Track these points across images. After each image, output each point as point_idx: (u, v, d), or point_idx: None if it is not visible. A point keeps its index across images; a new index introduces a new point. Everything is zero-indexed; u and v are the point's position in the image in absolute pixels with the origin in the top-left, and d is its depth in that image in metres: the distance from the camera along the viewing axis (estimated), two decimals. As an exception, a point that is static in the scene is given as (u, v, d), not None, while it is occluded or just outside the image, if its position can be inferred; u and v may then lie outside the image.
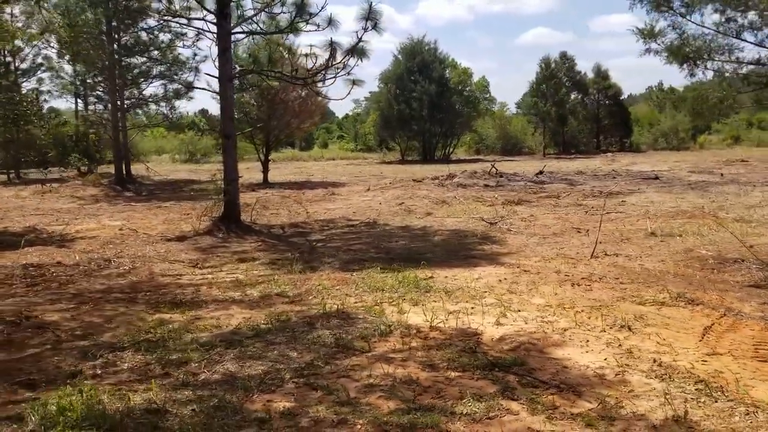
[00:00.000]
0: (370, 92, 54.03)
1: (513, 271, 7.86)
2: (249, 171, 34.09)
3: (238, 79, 26.85)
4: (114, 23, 24.83)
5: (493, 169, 25.97)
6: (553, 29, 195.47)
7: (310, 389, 4.14)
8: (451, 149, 46.32)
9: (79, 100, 36.94)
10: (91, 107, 35.75)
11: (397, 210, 15.83)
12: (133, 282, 8.18)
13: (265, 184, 26.83)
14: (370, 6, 10.14)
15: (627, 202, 15.77)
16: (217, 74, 12.31)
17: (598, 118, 49.55)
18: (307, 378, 4.31)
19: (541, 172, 26.03)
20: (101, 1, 23.39)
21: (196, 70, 26.55)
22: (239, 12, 12.57)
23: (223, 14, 12.13)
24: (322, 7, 11.62)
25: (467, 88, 44.42)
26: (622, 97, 51.71)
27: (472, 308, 6.07)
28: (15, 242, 11.94)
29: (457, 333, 5.26)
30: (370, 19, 10.19)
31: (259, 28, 12.59)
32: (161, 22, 17.72)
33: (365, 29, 10.31)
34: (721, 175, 23.14)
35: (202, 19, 12.50)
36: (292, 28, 12.04)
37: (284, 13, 12.46)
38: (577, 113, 48.99)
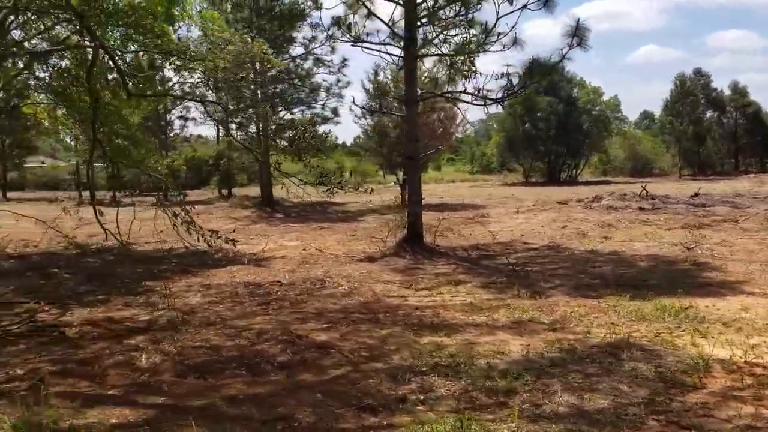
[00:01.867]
0: (486, 113, 53.55)
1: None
2: (378, 193, 34.53)
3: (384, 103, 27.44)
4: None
5: (644, 191, 24.89)
6: (662, 46, 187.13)
7: (679, 428, 3.87)
8: (579, 170, 45.01)
9: (220, 127, 38.89)
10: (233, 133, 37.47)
11: (566, 233, 15.37)
12: (363, 302, 8.25)
13: (402, 205, 27.03)
14: (577, 23, 9.91)
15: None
16: (402, 96, 12.45)
17: (736, 137, 46.71)
18: (665, 415, 4.04)
19: (696, 195, 24.68)
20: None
21: (339, 96, 27.31)
22: (423, 35, 12.69)
23: (410, 38, 12.28)
24: (512, 28, 11.53)
25: (597, 107, 43.10)
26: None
27: (770, 342, 5.61)
28: (207, 260, 12.51)
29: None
30: (577, 35, 9.93)
31: (442, 51, 12.63)
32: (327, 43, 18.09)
33: (570, 46, 10.07)
34: None
35: (387, 44, 12.68)
36: (479, 49, 11.97)
37: (460, 34, 12.54)
38: (713, 132, 46.41)
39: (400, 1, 12.33)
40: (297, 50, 27.65)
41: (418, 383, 4.85)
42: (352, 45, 13.43)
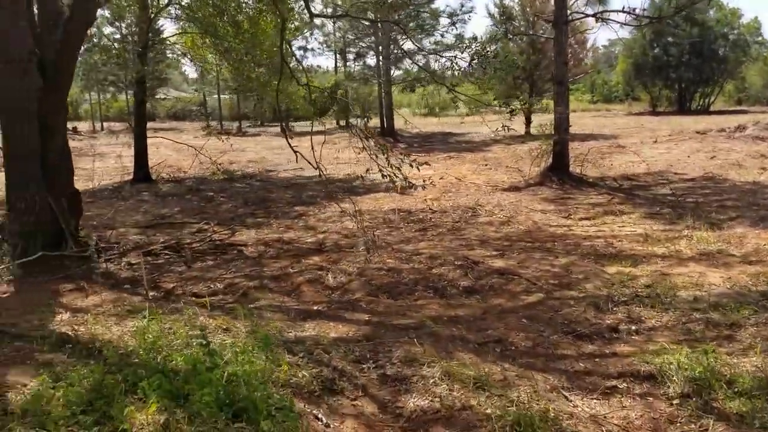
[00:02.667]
0: (608, 40, 50.44)
1: None
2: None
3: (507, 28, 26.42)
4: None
5: (795, 120, 22.80)
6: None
7: None
8: (712, 99, 41.83)
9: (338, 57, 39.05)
10: (350, 64, 37.56)
11: (717, 164, 14.35)
12: (525, 231, 8.09)
13: (528, 135, 26.22)
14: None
15: None
16: (552, 19, 11.79)
17: None
18: None
19: None
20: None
21: (463, 21, 26.40)
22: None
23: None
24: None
25: (735, 31, 39.48)
26: None
27: None
28: (347, 187, 12.70)
29: None
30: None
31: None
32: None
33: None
34: None
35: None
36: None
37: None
38: None
39: None
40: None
41: (624, 313, 4.68)
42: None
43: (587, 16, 12.65)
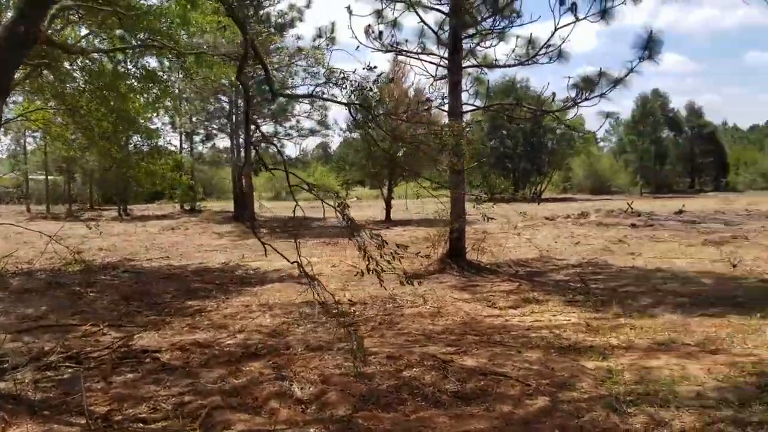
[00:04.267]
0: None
1: None
2: (361, 208, 34.03)
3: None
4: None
5: (630, 208, 25.22)
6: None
7: None
8: (544, 188, 45.60)
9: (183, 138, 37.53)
10: (199, 146, 36.21)
11: (587, 249, 15.22)
12: (462, 323, 7.76)
13: (388, 221, 26.50)
14: (650, 35, 9.72)
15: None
16: (446, 109, 12.05)
17: (693, 156, 48.35)
18: None
19: (681, 212, 25.16)
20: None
21: (324, 108, 26.62)
22: (468, 46, 12.35)
23: (456, 48, 11.92)
24: (564, 40, 11.34)
25: (561, 126, 43.77)
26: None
27: None
28: (234, 277, 11.81)
29: None
30: (648, 48, 9.75)
31: (488, 62, 12.30)
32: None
33: (641, 58, 9.87)
34: None
35: (434, 54, 12.30)
36: (528, 62, 11.71)
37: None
38: (670, 152, 47.89)
39: (446, 11, 11.97)
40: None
41: (646, 415, 4.39)
42: (385, 52, 13.00)
43: (478, 108, 13.11)
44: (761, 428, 4.08)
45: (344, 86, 5.78)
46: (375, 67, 5.87)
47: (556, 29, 10.82)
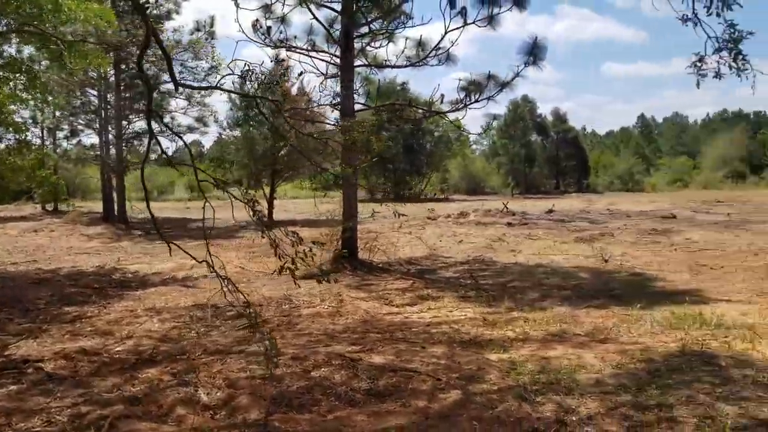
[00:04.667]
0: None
1: (756, 308, 7.88)
2: (238, 209, 33.20)
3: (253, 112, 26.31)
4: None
5: (505, 208, 26.36)
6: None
7: None
8: (422, 188, 46.71)
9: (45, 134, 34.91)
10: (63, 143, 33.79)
11: (470, 247, 15.75)
12: (362, 320, 7.75)
13: (271, 221, 25.99)
14: (535, 41, 10.19)
15: (692, 239, 16.25)
16: (339, 108, 12.01)
17: (558, 159, 51.36)
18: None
19: (551, 211, 26.62)
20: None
21: (203, 104, 25.70)
22: (359, 45, 12.39)
23: (348, 47, 11.91)
24: (454, 43, 11.66)
25: (440, 128, 45.06)
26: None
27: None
28: (112, 282, 11.20)
29: None
30: (533, 54, 10.22)
31: (379, 62, 12.40)
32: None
33: (526, 63, 10.32)
34: (728, 214, 24.27)
35: (325, 52, 12.22)
36: (420, 62, 11.93)
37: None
38: (538, 155, 50.61)
39: (338, 9, 11.94)
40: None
41: (554, 403, 4.57)
42: (274, 48, 12.76)
43: (370, 108, 13.16)
44: (660, 410, 4.36)
45: (251, 79, 5.54)
46: (283, 61, 5.69)
47: (446, 32, 11.09)
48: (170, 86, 24.65)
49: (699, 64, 4.31)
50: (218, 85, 5.68)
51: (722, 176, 56.08)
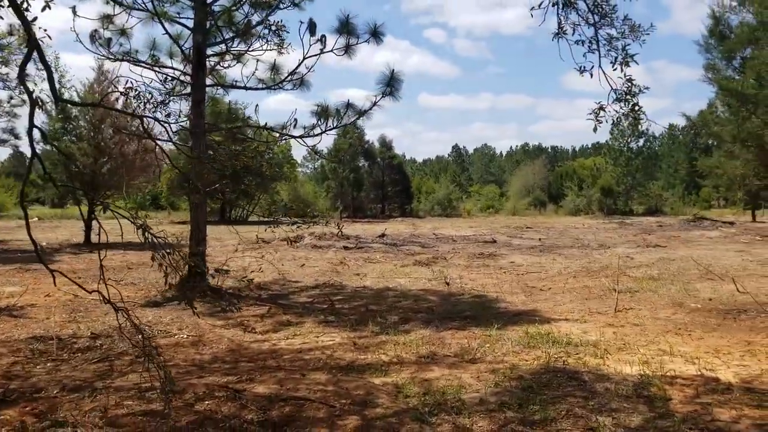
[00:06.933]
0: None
1: (593, 326, 8.75)
2: (44, 230, 30.64)
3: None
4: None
5: (340, 232, 26.67)
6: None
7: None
8: (251, 210, 45.99)
9: None
10: None
11: (315, 271, 15.84)
12: (229, 350, 7.50)
13: (89, 244, 24.05)
14: (392, 73, 10.60)
15: (515, 262, 17.63)
16: (188, 127, 11.60)
17: (384, 185, 53.16)
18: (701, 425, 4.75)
19: (383, 235, 27.46)
20: None
21: (13, 115, 23.34)
22: (211, 64, 12.08)
23: (200, 65, 11.57)
24: (310, 69, 11.81)
25: (271, 151, 44.70)
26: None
27: (668, 359, 6.79)
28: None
29: (705, 380, 5.95)
30: (390, 85, 10.63)
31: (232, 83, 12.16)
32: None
33: (384, 94, 10.70)
34: (539, 239, 26.64)
35: (173, 68, 11.75)
36: (274, 87, 11.91)
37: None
38: (365, 180, 52.06)
39: (190, 26, 11.56)
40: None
41: (449, 423, 4.77)
42: (114, 60, 12.05)
43: (221, 129, 12.79)
44: (546, 424, 4.72)
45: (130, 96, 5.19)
46: (174, 80, 5.42)
47: (304, 58, 11.17)
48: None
49: (598, 112, 4.83)
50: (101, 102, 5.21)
51: (527, 203, 61.57)
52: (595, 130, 4.89)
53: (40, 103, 4.20)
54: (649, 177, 59.64)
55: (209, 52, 12.12)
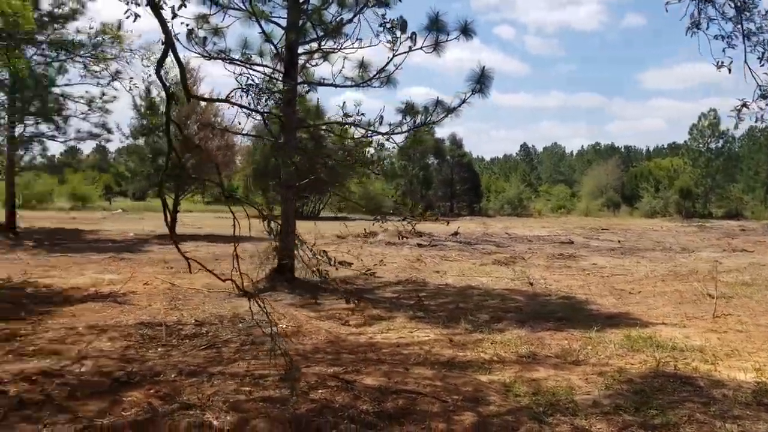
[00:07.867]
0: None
1: (694, 331, 8.51)
2: (130, 221, 31.83)
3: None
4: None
5: (413, 229, 26.77)
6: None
7: None
8: (322, 206, 46.62)
9: None
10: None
11: (395, 267, 15.94)
12: (329, 341, 7.67)
13: (173, 235, 24.85)
14: (482, 70, 10.56)
15: (598, 264, 17.28)
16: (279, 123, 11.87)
17: (453, 183, 52.98)
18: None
19: (456, 233, 27.38)
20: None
21: (105, 110, 24.33)
22: (301, 62, 12.33)
23: (292, 63, 11.82)
24: (398, 66, 11.87)
25: (343, 148, 45.15)
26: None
27: None
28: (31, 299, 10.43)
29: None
30: (480, 82, 10.59)
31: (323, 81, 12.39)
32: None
33: (474, 91, 10.67)
34: (618, 242, 25.99)
35: (265, 66, 12.06)
36: (363, 84, 12.05)
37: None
38: (435, 178, 52.00)
39: (284, 25, 11.83)
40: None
41: (567, 424, 4.73)
42: (209, 59, 12.42)
43: (317, 125, 13.06)
44: (668, 429, 4.63)
45: (251, 93, 5.36)
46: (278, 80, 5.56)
47: (394, 55, 11.25)
48: (66, 89, 23.42)
49: (740, 109, 4.72)
50: (228, 98, 5.45)
51: (600, 204, 60.14)
52: (736, 126, 4.79)
53: (176, 99, 4.38)
54: (730, 179, 57.36)
55: (300, 50, 12.36)
